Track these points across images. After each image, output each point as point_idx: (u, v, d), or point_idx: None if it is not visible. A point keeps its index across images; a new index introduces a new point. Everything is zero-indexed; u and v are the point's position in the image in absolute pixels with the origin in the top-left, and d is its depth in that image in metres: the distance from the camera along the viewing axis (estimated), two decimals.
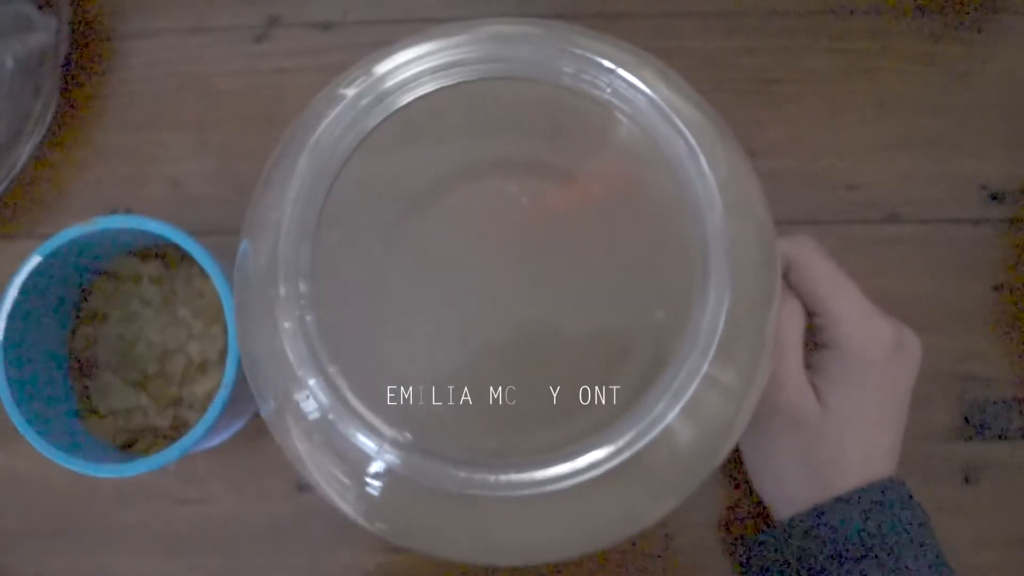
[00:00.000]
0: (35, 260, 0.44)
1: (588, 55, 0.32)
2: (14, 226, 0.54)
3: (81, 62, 0.56)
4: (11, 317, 0.44)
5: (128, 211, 0.54)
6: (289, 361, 0.31)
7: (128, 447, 0.48)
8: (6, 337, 0.44)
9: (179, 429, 0.48)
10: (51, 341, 0.48)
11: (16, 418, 0.43)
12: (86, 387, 0.49)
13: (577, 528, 0.33)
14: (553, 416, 0.33)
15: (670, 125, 0.32)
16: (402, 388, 0.34)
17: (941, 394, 0.51)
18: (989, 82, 0.54)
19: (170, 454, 0.43)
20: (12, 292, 0.44)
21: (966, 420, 0.51)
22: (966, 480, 0.50)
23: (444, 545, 0.34)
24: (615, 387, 0.33)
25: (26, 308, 0.45)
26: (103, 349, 0.49)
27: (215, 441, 0.49)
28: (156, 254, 0.50)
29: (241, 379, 0.43)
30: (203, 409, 0.46)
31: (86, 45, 0.56)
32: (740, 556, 0.48)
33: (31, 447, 0.43)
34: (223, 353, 0.48)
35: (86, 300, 0.50)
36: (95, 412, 0.49)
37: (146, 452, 0.48)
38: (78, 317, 0.50)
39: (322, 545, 0.51)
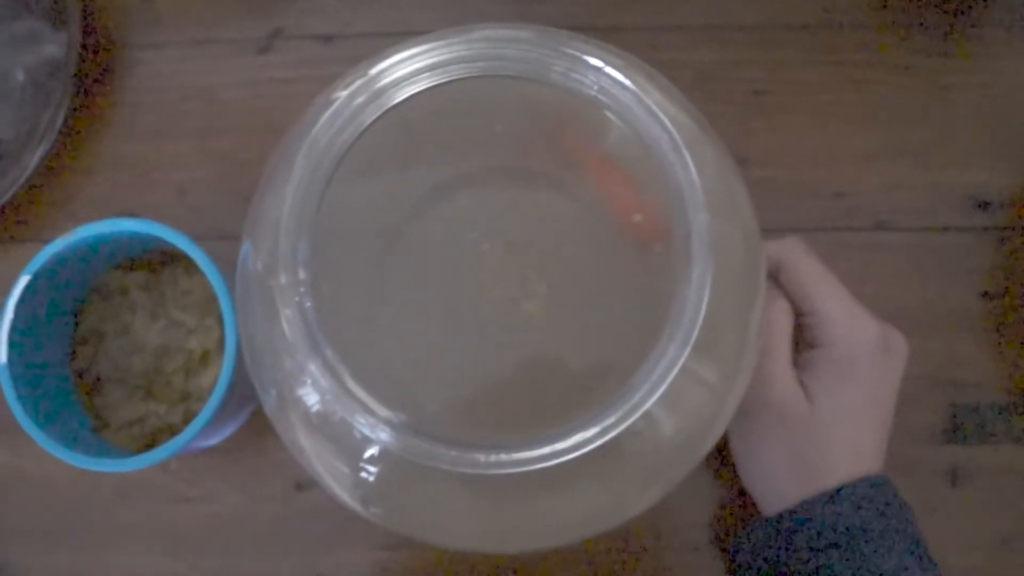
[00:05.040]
0: (25, 279, 0.45)
1: (577, 54, 0.34)
2: (24, 230, 0.55)
3: (90, 73, 0.57)
4: (11, 341, 0.45)
5: (132, 217, 0.55)
6: (289, 348, 0.32)
7: (149, 448, 0.49)
8: (10, 360, 0.45)
9: (189, 421, 0.49)
10: (54, 365, 0.49)
11: (21, 417, 0.44)
12: (95, 404, 0.50)
13: (566, 514, 0.34)
14: (545, 408, 0.35)
15: (656, 122, 0.33)
16: (399, 380, 0.35)
17: (929, 398, 0.52)
18: (974, 94, 0.55)
19: (172, 447, 0.44)
20: (8, 314, 0.45)
21: (953, 423, 0.52)
22: (953, 482, 0.51)
23: (436, 530, 0.35)
24: (605, 385, 0.34)
25: (24, 329, 0.46)
26: (105, 365, 0.50)
27: (218, 437, 0.50)
28: (140, 263, 0.52)
29: (240, 369, 0.44)
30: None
31: (95, 57, 0.57)
32: (730, 552, 0.49)
33: (34, 445, 0.44)
34: (221, 342, 0.49)
35: (80, 322, 0.51)
36: (109, 426, 0.50)
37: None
38: (75, 339, 0.51)
39: (320, 544, 0.52)
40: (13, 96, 0.55)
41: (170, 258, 0.51)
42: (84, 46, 0.55)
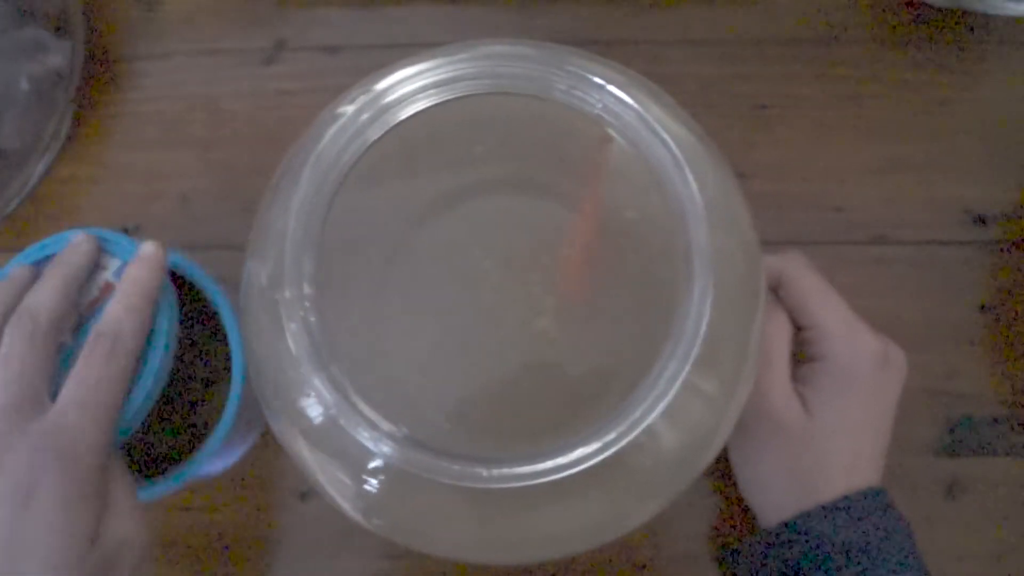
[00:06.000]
0: None
1: (580, 72, 0.34)
2: (27, 240, 0.55)
3: (94, 83, 0.57)
4: None
5: (137, 228, 0.55)
6: (294, 361, 0.32)
7: (154, 475, 0.48)
8: None
9: (197, 448, 0.49)
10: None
11: None
12: None
13: (567, 526, 0.35)
14: (547, 421, 0.35)
15: (657, 139, 0.33)
16: (401, 392, 0.35)
17: (926, 410, 0.52)
18: (972, 109, 0.56)
19: (181, 476, 0.44)
20: None
21: (950, 436, 0.52)
22: (949, 494, 0.51)
23: (437, 542, 0.35)
24: (607, 398, 0.34)
25: None
26: None
27: (224, 463, 0.50)
28: None
29: (247, 395, 0.44)
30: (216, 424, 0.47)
31: (99, 66, 0.58)
32: (727, 563, 0.49)
33: None
34: (227, 367, 0.49)
35: None
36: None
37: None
38: None
39: (322, 553, 0.52)
40: (17, 105, 0.55)
41: (176, 280, 0.51)
42: (88, 56, 0.56)
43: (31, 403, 0.38)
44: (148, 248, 0.42)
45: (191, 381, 0.50)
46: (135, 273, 0.41)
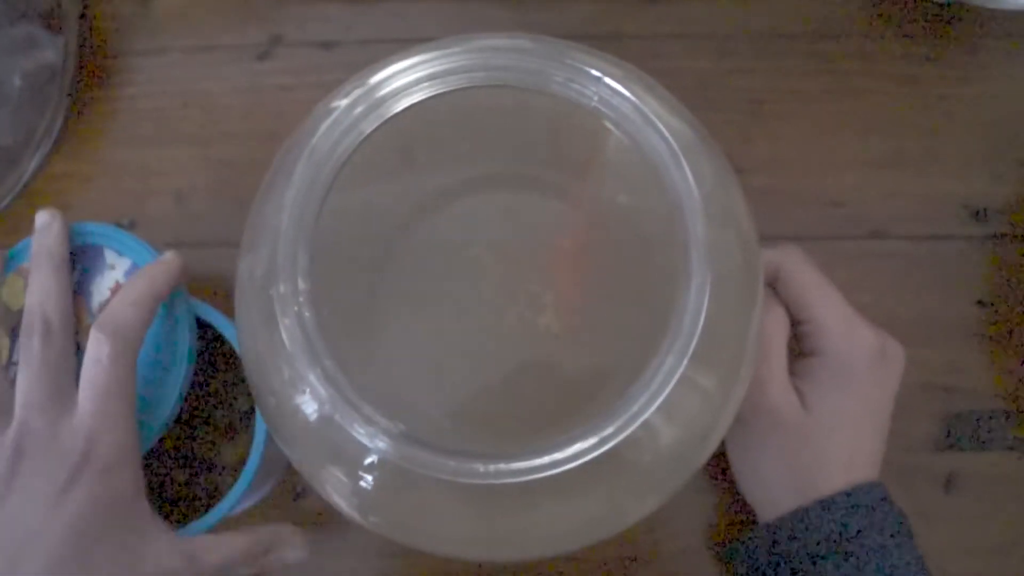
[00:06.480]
0: None
1: (577, 65, 0.34)
2: (20, 237, 0.55)
3: (88, 79, 0.57)
4: None
5: (131, 224, 0.55)
6: (288, 357, 0.32)
7: (173, 518, 0.47)
8: None
9: (212, 495, 0.48)
10: None
11: None
12: None
13: (564, 522, 0.34)
14: (544, 417, 0.35)
15: (654, 132, 0.33)
16: (398, 389, 0.35)
17: (924, 405, 0.52)
18: (971, 103, 0.55)
19: (205, 523, 0.44)
20: None
21: (948, 431, 0.52)
22: (948, 490, 0.51)
23: (434, 539, 0.35)
24: (604, 394, 0.34)
25: None
26: None
27: (244, 506, 0.49)
28: None
29: (268, 446, 0.44)
30: (234, 472, 0.47)
31: (93, 62, 0.57)
32: (726, 558, 0.49)
33: None
34: (248, 414, 0.49)
35: None
36: None
37: (182, 521, 0.45)
38: None
39: (319, 552, 0.51)
40: (10, 101, 0.55)
41: (199, 326, 0.50)
42: (82, 51, 0.55)
43: (59, 399, 0.39)
44: (168, 255, 0.43)
45: (214, 425, 0.49)
46: (145, 271, 0.42)
